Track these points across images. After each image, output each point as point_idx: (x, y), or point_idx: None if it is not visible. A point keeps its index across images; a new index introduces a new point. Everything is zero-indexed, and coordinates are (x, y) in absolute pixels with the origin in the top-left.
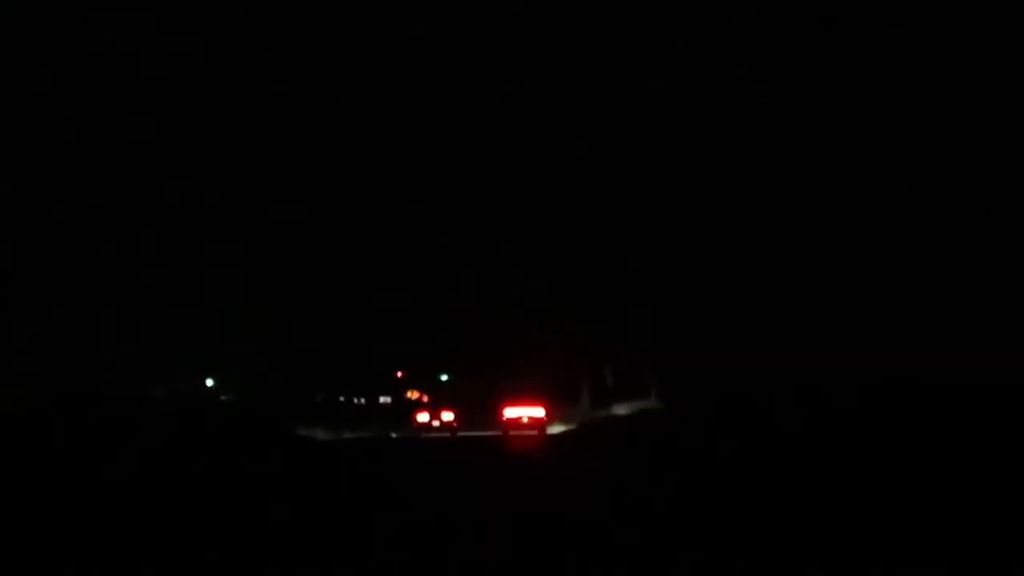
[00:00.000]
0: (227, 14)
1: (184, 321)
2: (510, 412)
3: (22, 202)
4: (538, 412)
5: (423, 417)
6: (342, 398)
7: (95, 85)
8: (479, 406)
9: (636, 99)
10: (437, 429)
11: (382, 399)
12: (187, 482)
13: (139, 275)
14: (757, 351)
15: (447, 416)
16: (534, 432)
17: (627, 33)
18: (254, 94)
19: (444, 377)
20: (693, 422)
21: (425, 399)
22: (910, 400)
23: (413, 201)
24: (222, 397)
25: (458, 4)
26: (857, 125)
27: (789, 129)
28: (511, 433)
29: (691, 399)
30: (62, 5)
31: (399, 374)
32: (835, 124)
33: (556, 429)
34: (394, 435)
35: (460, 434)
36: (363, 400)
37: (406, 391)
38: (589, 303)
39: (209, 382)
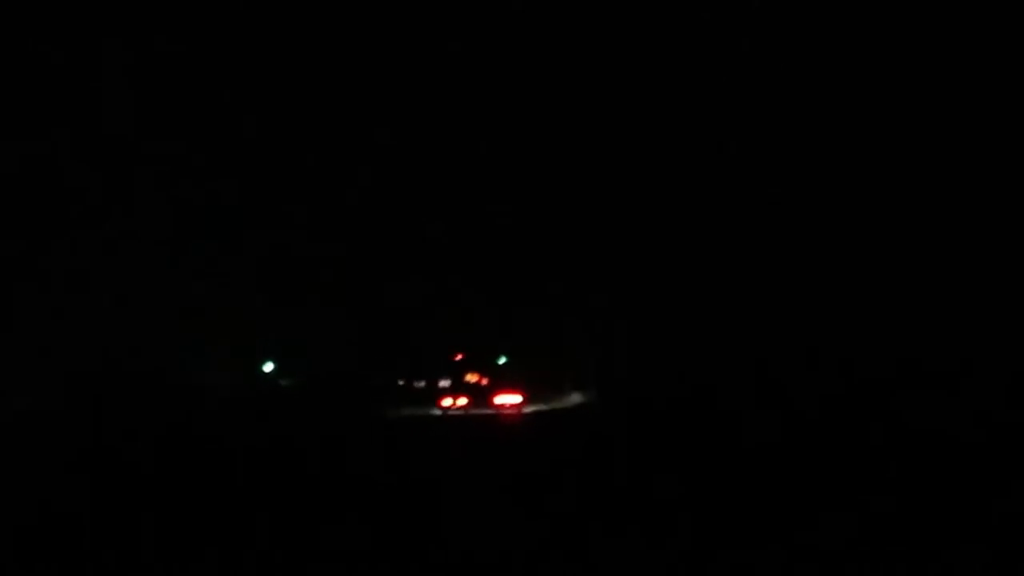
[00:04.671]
0: (226, 14)
1: (239, 307)
2: (498, 399)
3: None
4: (517, 399)
5: (447, 402)
6: (401, 382)
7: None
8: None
9: (636, 99)
10: (457, 408)
11: (441, 383)
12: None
13: (186, 262)
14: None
15: (462, 401)
16: (515, 412)
17: (627, 33)
18: (255, 94)
19: (502, 360)
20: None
21: (484, 382)
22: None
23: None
24: (281, 382)
25: (458, 4)
26: (857, 125)
27: (788, 128)
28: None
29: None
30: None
31: (458, 357)
32: (835, 123)
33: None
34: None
35: (472, 411)
36: (423, 383)
37: (464, 374)
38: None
39: (268, 367)
